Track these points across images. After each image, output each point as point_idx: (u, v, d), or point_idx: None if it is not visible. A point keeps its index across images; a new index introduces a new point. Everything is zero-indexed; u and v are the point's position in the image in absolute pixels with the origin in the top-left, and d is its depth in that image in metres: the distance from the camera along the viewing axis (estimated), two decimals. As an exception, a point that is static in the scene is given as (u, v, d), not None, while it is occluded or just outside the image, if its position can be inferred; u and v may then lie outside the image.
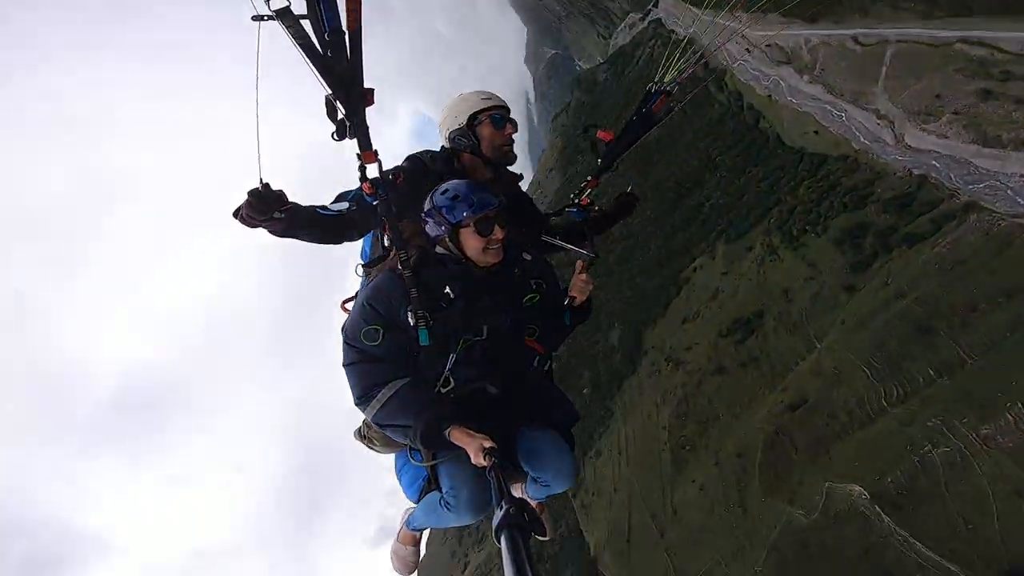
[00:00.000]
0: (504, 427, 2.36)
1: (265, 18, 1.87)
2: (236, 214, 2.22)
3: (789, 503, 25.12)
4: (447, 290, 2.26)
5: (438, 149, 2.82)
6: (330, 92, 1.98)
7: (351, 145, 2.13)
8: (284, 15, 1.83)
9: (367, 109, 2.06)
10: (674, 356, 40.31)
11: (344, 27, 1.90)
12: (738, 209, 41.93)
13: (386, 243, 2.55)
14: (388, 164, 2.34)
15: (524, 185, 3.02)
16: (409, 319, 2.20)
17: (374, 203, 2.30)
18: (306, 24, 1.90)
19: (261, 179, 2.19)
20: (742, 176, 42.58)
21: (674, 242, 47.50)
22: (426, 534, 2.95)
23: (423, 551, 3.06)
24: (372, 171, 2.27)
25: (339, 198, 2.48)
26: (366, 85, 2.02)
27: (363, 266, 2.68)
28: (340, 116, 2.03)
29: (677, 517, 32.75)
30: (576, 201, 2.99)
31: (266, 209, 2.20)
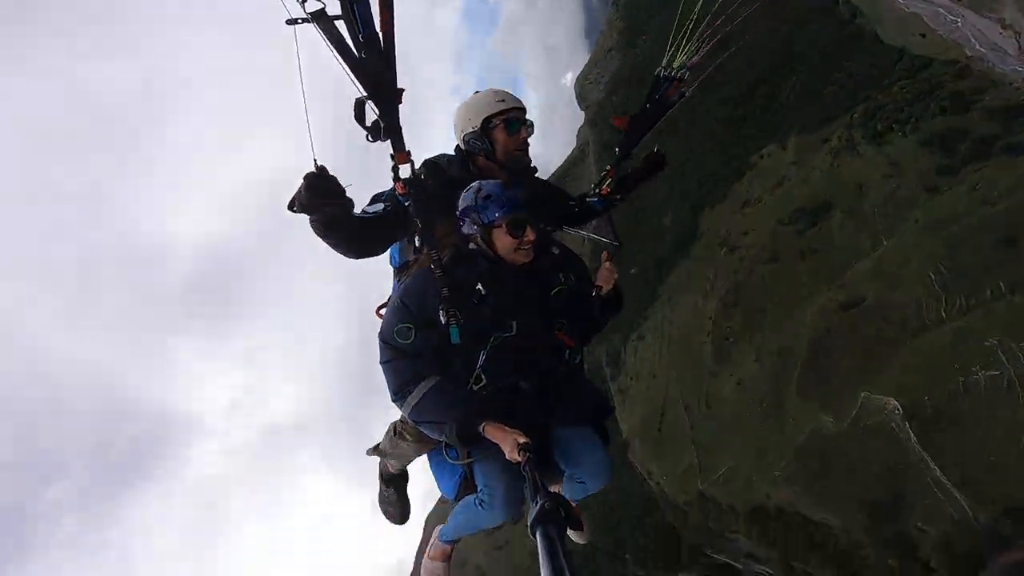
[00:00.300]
0: (537, 423, 2.37)
1: (300, 21, 1.87)
2: (291, 205, 2.21)
3: (822, 408, 25.58)
4: (479, 287, 2.28)
5: (453, 151, 2.76)
6: (364, 94, 1.99)
7: (377, 148, 2.14)
8: (319, 17, 1.82)
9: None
10: (729, 241, 39.48)
11: (378, 28, 1.88)
12: (819, 102, 38.75)
13: (417, 244, 2.58)
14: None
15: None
16: (441, 317, 2.23)
17: (407, 203, 2.32)
18: (340, 26, 1.88)
19: (316, 161, 2.15)
20: (828, 69, 39.08)
21: (744, 128, 44.51)
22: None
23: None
24: (404, 172, 2.27)
25: (374, 200, 2.50)
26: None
27: (396, 270, 2.74)
28: (374, 118, 2.04)
29: (710, 412, 34.11)
30: (597, 191, 2.96)
31: (324, 191, 2.16)
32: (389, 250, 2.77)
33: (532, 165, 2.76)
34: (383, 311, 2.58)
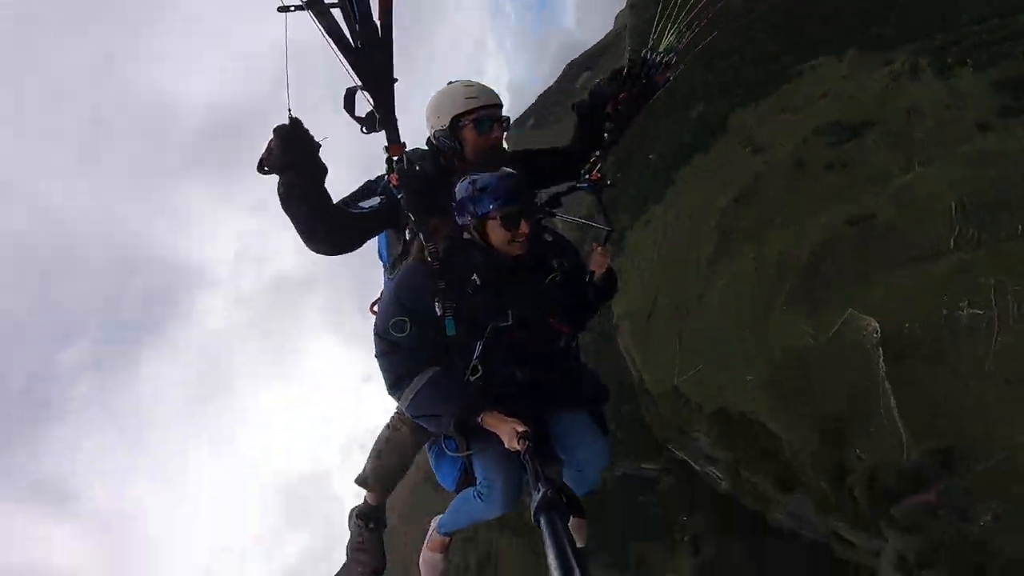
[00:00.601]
0: (536, 412, 2.38)
1: (292, 8, 1.79)
2: (260, 164, 2.09)
3: (807, 319, 26.33)
4: (474, 277, 2.28)
5: (425, 144, 2.68)
6: (359, 84, 1.95)
7: (371, 139, 2.09)
8: (313, 4, 1.75)
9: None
10: (756, 141, 37.94)
11: (376, 17, 1.82)
12: (890, 21, 34.48)
13: (407, 237, 2.54)
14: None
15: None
16: (436, 309, 2.23)
17: (399, 196, 2.29)
18: (336, 15, 1.81)
19: (290, 111, 2.04)
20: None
21: (800, 37, 40.15)
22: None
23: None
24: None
25: (365, 189, 2.49)
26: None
27: (386, 266, 2.72)
28: (369, 109, 2.01)
29: (700, 306, 35.15)
30: (587, 177, 2.95)
31: (297, 146, 2.05)
32: (377, 244, 2.77)
33: (506, 153, 2.65)
34: (376, 307, 2.58)
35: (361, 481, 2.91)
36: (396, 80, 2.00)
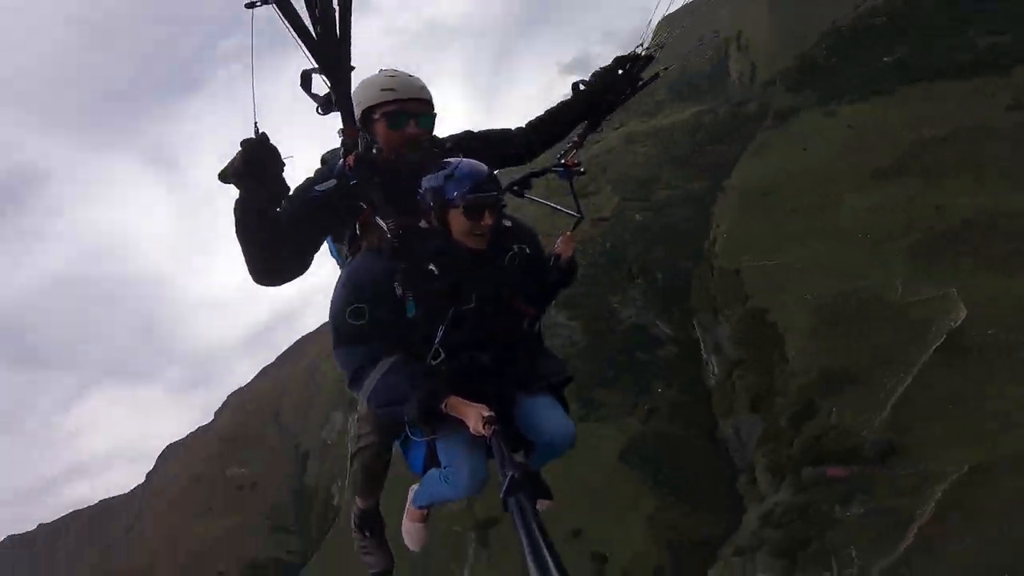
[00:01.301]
0: (500, 395, 2.36)
1: (259, 4, 1.98)
2: (223, 174, 2.03)
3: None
4: (431, 267, 2.20)
5: None
6: (315, 67, 2.11)
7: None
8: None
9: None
10: None
11: (335, 4, 2.01)
12: None
13: (356, 231, 2.45)
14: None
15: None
16: (396, 290, 2.16)
17: (353, 182, 2.26)
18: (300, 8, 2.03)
19: (256, 125, 1.99)
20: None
21: None
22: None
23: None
24: None
25: (322, 173, 2.40)
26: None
27: (341, 265, 2.62)
28: (326, 91, 2.15)
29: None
30: (563, 162, 2.90)
31: (263, 161, 2.01)
32: (327, 246, 2.67)
33: (428, 145, 2.41)
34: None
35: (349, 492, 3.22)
36: (354, 68, 2.13)
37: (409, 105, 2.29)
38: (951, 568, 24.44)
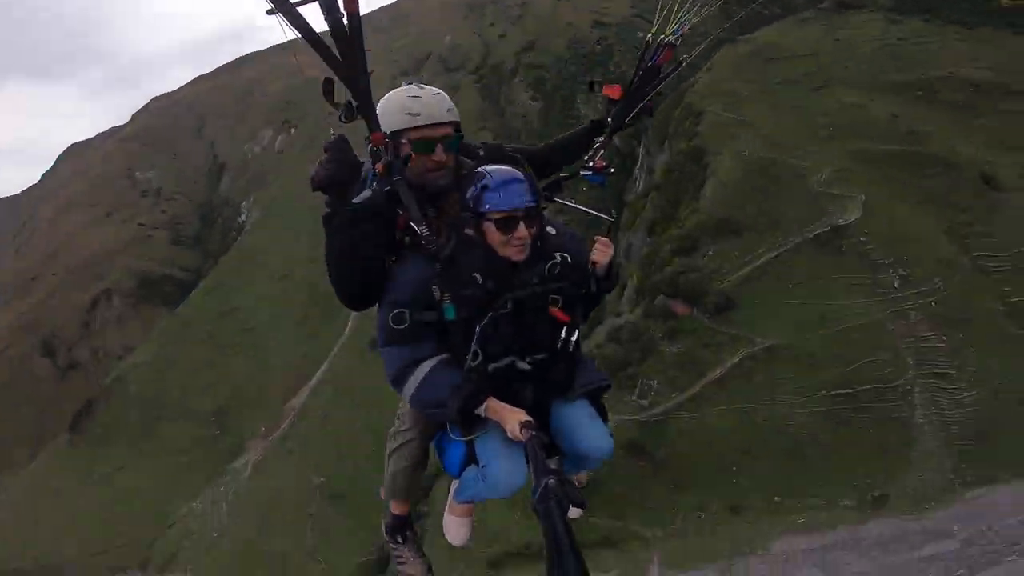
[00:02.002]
0: (537, 401, 2.39)
1: (268, 11, 1.77)
2: (314, 179, 2.11)
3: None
4: (475, 275, 2.21)
5: None
6: (335, 76, 1.94)
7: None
8: (282, 5, 1.76)
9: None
10: None
11: (342, 8, 1.80)
12: None
13: (398, 237, 2.36)
14: None
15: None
16: (435, 293, 2.19)
17: (386, 187, 2.19)
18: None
19: (332, 132, 2.12)
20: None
21: None
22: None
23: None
24: None
25: (360, 185, 2.31)
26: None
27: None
28: (347, 99, 2.00)
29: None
30: (591, 165, 2.82)
31: (349, 159, 2.10)
32: None
33: (472, 155, 2.44)
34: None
35: (384, 495, 2.92)
36: (371, 72, 1.95)
37: (435, 130, 2.25)
38: (711, 427, 29.56)
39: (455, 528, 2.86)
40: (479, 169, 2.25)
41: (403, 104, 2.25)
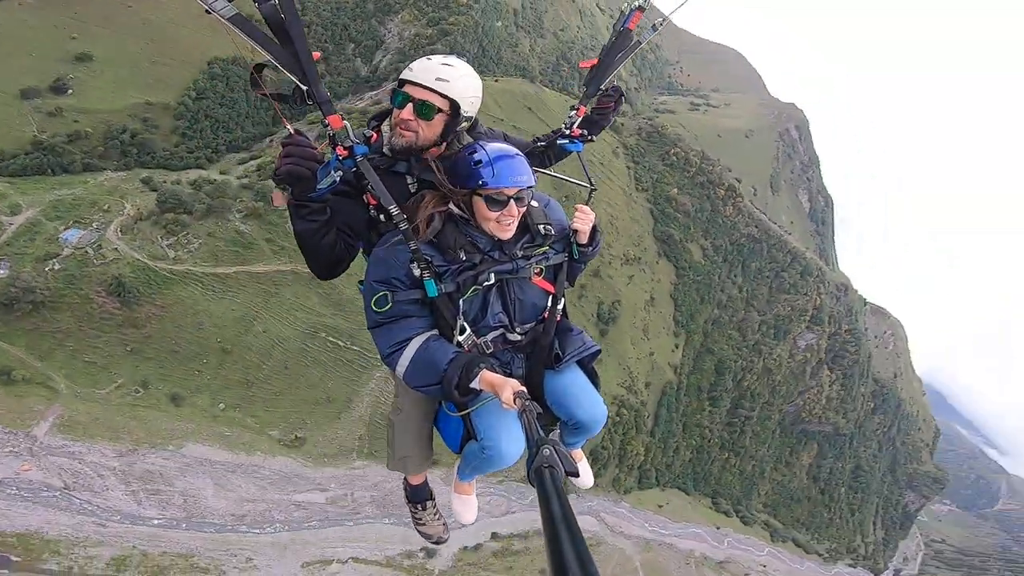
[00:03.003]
0: (528, 371, 2.39)
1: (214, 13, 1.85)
2: (275, 175, 2.07)
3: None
4: (459, 251, 2.21)
5: None
6: (268, 63, 1.99)
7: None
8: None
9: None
10: None
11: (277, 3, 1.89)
12: None
13: (372, 214, 2.37)
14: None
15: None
16: (414, 271, 2.16)
17: (353, 168, 2.23)
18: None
19: (288, 126, 2.07)
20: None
21: None
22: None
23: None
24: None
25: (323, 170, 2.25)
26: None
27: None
28: (293, 87, 2.04)
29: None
30: (568, 133, 2.87)
31: (305, 153, 2.04)
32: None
33: (428, 144, 2.35)
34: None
35: (393, 467, 2.86)
36: (319, 53, 2.03)
37: (415, 90, 2.26)
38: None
39: (462, 507, 2.87)
40: (470, 143, 2.26)
41: (417, 61, 2.30)
